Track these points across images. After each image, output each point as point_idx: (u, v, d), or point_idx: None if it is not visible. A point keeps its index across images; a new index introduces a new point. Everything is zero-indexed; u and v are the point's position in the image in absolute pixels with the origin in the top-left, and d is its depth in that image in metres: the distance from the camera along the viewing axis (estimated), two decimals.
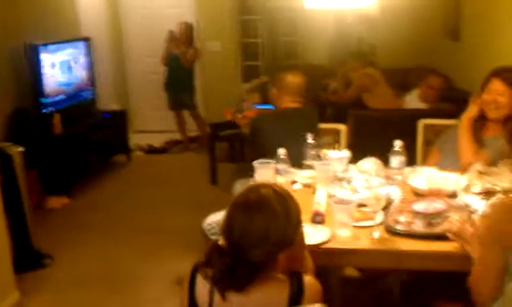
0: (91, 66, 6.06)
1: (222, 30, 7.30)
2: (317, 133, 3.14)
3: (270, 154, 2.77)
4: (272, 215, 1.55)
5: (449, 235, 1.96)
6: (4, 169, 3.67)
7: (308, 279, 1.60)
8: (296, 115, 3.33)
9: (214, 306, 1.56)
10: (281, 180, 2.65)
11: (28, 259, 3.82)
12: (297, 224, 1.63)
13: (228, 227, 1.57)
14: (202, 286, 1.58)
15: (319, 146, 2.93)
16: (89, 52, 6.02)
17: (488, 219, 1.71)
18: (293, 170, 2.80)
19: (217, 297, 1.54)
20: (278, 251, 1.56)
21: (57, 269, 3.85)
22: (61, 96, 5.47)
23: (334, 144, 3.21)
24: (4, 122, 4.83)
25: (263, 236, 1.53)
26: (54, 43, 5.38)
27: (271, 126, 3.31)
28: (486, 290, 1.68)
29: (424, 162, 3.18)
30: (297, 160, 2.88)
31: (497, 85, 2.72)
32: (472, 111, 2.85)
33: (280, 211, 1.57)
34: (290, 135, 3.10)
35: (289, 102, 3.34)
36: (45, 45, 5.21)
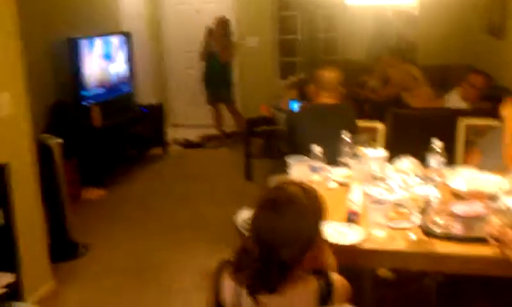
0: (130, 61, 6.13)
1: (260, 25, 7.28)
2: (356, 131, 3.10)
3: (306, 149, 2.74)
4: (301, 212, 1.54)
5: (489, 239, 1.89)
6: (43, 160, 3.75)
7: (336, 277, 1.58)
8: (333, 111, 3.30)
9: None
10: (316, 178, 2.61)
11: (64, 249, 3.89)
12: (322, 220, 1.62)
13: (257, 227, 1.55)
14: (228, 286, 1.56)
15: (355, 143, 2.88)
16: (128, 47, 6.09)
17: None
18: (328, 167, 2.76)
19: (244, 299, 1.53)
20: (306, 249, 1.54)
21: (92, 259, 3.91)
22: (100, 90, 5.55)
23: (370, 142, 3.15)
24: (44, 114, 4.93)
25: (293, 235, 1.52)
26: (94, 37, 5.46)
27: (308, 121, 3.29)
28: None
29: (465, 162, 3.09)
30: (333, 158, 2.84)
31: None
32: None
33: (308, 208, 1.56)
34: (327, 131, 3.07)
35: (326, 98, 3.31)
36: (86, 38, 5.30)
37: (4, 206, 2.69)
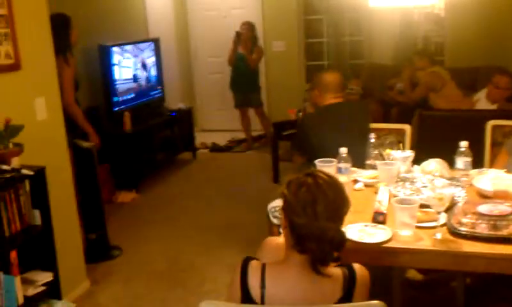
0: (159, 66, 6.26)
1: (286, 30, 7.35)
2: (368, 128, 3.12)
3: (321, 152, 2.79)
4: (340, 187, 1.67)
5: None
6: (81, 163, 3.87)
7: (358, 266, 1.65)
8: (340, 110, 3.33)
9: (266, 297, 1.59)
10: (343, 179, 2.64)
11: (100, 251, 4.01)
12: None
13: (311, 208, 1.59)
14: (255, 275, 1.62)
15: (382, 145, 2.91)
16: (157, 53, 6.21)
17: None
18: (355, 169, 2.80)
19: (268, 287, 1.59)
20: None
21: (125, 260, 4.02)
22: (130, 95, 5.68)
23: (398, 144, 3.17)
24: None
25: (340, 209, 1.63)
26: (124, 44, 5.59)
27: (317, 124, 3.28)
28: None
29: (492, 164, 3.09)
30: (353, 158, 2.87)
31: None
32: None
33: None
34: (336, 130, 3.13)
35: (331, 99, 3.34)
36: (117, 45, 5.43)
37: (42, 207, 2.81)
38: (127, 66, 5.64)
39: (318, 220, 1.56)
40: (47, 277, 2.81)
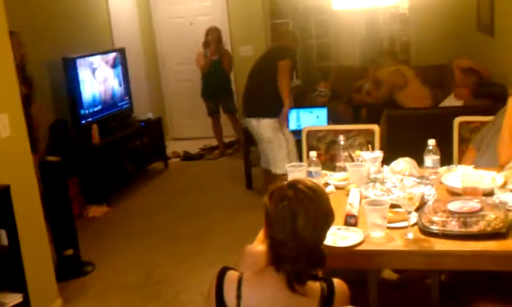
0: (126, 77, 6.18)
1: (254, 34, 7.34)
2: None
3: None
4: (326, 198, 1.63)
5: None
6: (49, 178, 3.79)
7: (337, 282, 1.62)
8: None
9: None
10: None
11: (71, 267, 3.92)
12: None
13: (291, 224, 1.54)
14: (229, 289, 1.59)
15: (352, 147, 2.92)
16: (124, 63, 6.13)
17: None
18: (326, 172, 2.79)
19: (245, 298, 1.56)
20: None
21: (98, 276, 3.94)
22: (98, 107, 5.60)
23: (367, 144, 3.18)
24: (44, 134, 4.97)
25: (317, 230, 1.58)
26: (90, 55, 5.51)
27: None
28: None
29: (460, 160, 3.13)
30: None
31: None
32: None
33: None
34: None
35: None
36: (82, 57, 5.34)
37: (8, 227, 2.73)
38: (93, 78, 5.55)
39: (296, 238, 1.53)
40: (16, 298, 2.73)
